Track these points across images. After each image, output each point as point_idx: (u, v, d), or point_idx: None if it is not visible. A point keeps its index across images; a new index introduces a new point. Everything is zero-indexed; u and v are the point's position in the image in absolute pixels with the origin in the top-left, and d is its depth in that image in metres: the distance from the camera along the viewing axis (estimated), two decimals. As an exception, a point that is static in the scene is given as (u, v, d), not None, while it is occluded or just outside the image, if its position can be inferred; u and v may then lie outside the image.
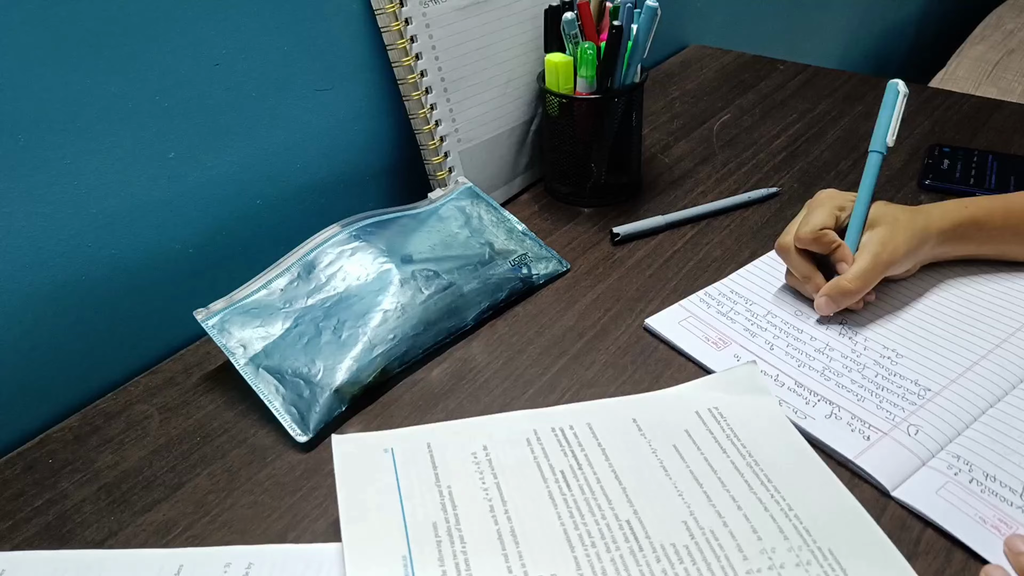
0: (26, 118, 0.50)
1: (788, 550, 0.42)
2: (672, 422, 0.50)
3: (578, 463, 0.47)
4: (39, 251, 0.53)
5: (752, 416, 0.50)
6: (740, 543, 0.42)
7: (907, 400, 0.51)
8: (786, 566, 0.41)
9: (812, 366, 0.55)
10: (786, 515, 0.44)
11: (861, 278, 0.56)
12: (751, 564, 0.41)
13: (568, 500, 0.45)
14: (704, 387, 0.53)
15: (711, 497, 0.45)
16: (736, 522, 0.43)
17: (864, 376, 0.54)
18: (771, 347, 0.57)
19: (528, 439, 0.49)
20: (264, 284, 0.58)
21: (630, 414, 0.51)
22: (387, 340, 0.56)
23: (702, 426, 0.50)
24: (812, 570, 0.41)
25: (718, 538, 0.43)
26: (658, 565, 0.41)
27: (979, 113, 0.86)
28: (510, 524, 0.44)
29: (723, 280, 0.64)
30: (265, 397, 0.53)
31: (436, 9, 0.66)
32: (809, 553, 0.42)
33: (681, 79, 1.00)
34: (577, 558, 0.42)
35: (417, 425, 0.51)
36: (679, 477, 0.46)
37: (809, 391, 0.53)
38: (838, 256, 0.58)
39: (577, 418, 0.51)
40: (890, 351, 0.56)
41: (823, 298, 0.58)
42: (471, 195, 0.69)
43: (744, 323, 0.59)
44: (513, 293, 0.63)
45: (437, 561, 0.41)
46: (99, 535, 0.47)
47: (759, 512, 0.44)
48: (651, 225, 0.71)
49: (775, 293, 0.62)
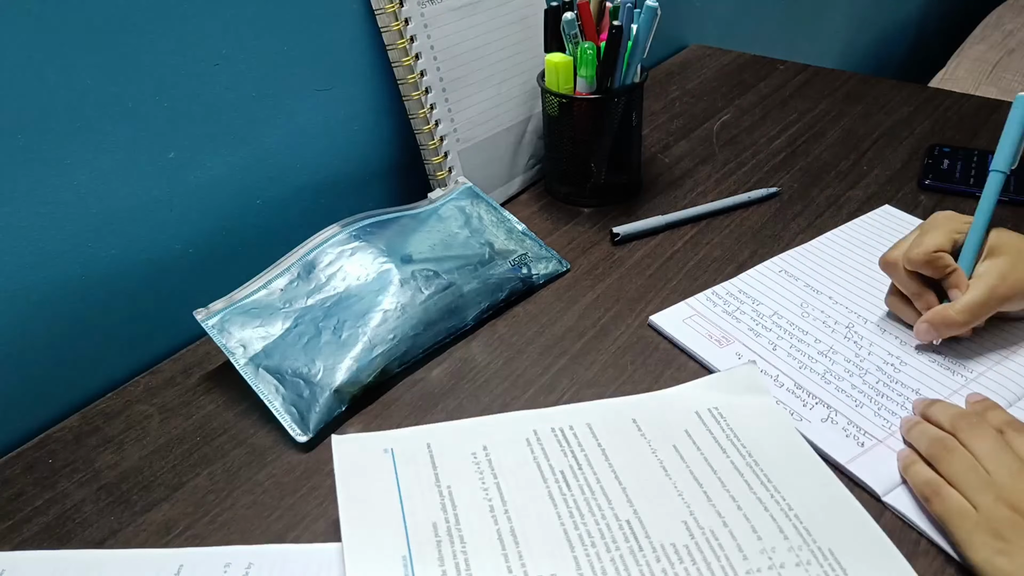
0: (26, 118, 0.50)
1: (788, 550, 0.42)
2: (672, 422, 0.50)
3: (578, 463, 0.47)
4: (39, 251, 0.53)
5: (752, 416, 0.50)
6: (740, 543, 0.42)
7: (906, 409, 0.51)
8: (786, 566, 0.41)
9: (814, 368, 0.55)
10: (786, 515, 0.44)
11: (971, 311, 0.52)
12: (751, 564, 0.41)
13: (568, 500, 0.45)
14: (704, 387, 0.53)
15: (711, 497, 0.45)
16: (736, 522, 0.43)
17: (865, 382, 0.53)
18: (774, 347, 0.57)
19: (528, 439, 0.49)
20: (264, 284, 0.58)
21: (630, 414, 0.51)
22: (387, 340, 0.56)
23: (702, 426, 0.50)
24: (812, 570, 0.41)
25: (718, 538, 0.43)
26: (658, 565, 0.41)
27: (979, 113, 0.86)
28: (510, 524, 0.44)
29: (732, 280, 0.64)
30: (265, 397, 0.54)
31: (434, 9, 0.66)
32: (809, 553, 0.42)
33: (681, 79, 1.00)
34: (577, 558, 0.42)
35: (417, 425, 0.51)
36: (679, 477, 0.46)
37: (808, 393, 0.53)
38: (952, 282, 0.53)
39: (577, 418, 0.51)
40: (894, 358, 0.55)
41: (924, 324, 0.54)
42: (471, 195, 0.69)
43: (749, 323, 0.59)
44: (513, 293, 0.63)
45: (437, 561, 0.41)
46: (99, 535, 0.47)
47: (759, 512, 0.44)
48: (651, 225, 0.71)
49: (783, 294, 0.62)
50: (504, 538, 0.43)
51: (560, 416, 0.51)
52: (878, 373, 0.54)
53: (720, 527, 0.43)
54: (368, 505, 0.45)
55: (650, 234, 0.71)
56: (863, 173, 0.77)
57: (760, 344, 0.57)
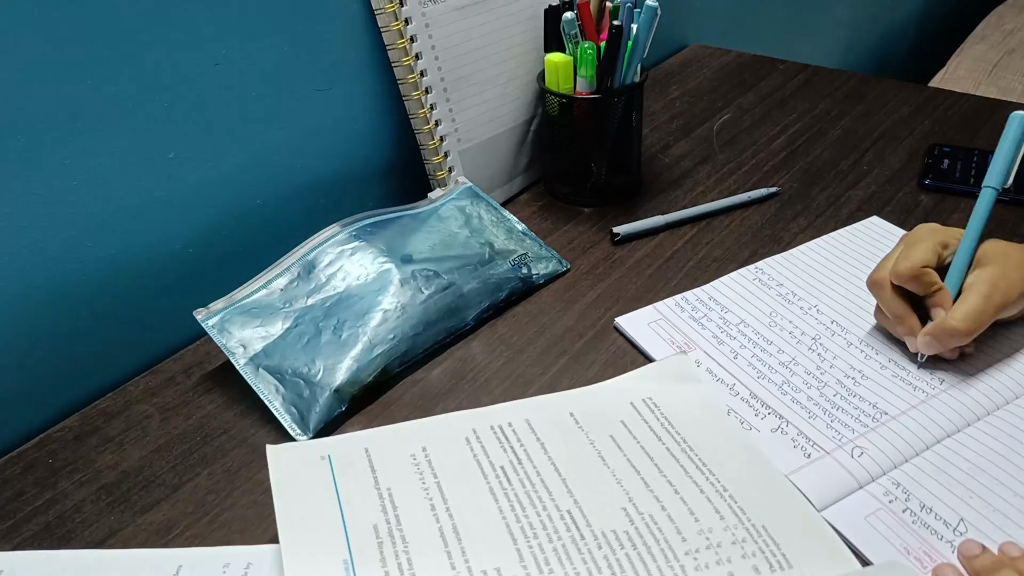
0: (26, 118, 0.50)
1: (724, 529, 0.43)
2: (608, 414, 0.51)
3: (518, 458, 0.48)
4: (39, 251, 0.53)
5: (685, 404, 0.52)
6: (678, 525, 0.44)
7: (860, 422, 0.50)
8: (723, 544, 0.42)
9: (772, 379, 0.54)
10: (721, 496, 0.45)
11: (971, 318, 0.50)
12: (690, 544, 0.42)
13: (509, 494, 0.46)
14: (638, 378, 0.54)
15: (648, 483, 0.46)
16: (674, 506, 0.45)
17: (822, 394, 0.53)
18: (735, 356, 0.56)
19: (467, 438, 0.50)
20: (264, 284, 0.58)
21: (567, 408, 0.52)
22: (387, 340, 0.56)
23: (637, 416, 0.51)
24: (748, 547, 0.42)
25: (657, 522, 0.44)
26: (600, 552, 0.42)
27: (979, 113, 0.86)
28: (452, 521, 0.44)
29: (704, 286, 0.63)
30: (265, 397, 0.53)
31: (435, 9, 0.66)
32: (744, 531, 0.43)
33: (681, 79, 1.00)
34: (520, 550, 0.42)
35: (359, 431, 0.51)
36: (617, 466, 0.47)
37: (762, 403, 0.52)
38: (935, 301, 0.52)
39: (515, 415, 0.51)
40: (856, 371, 0.54)
41: (927, 337, 0.52)
42: (471, 195, 0.69)
43: (714, 330, 0.59)
44: (513, 293, 0.63)
45: (379, 562, 0.42)
46: (99, 535, 0.47)
47: (695, 495, 0.45)
48: (651, 225, 0.71)
49: (754, 303, 0.61)
50: (447, 535, 0.43)
51: (498, 414, 0.52)
52: (837, 386, 0.53)
53: (659, 511, 0.44)
54: (306, 512, 0.44)
55: (650, 234, 0.71)
56: (863, 173, 0.77)
57: (721, 352, 0.57)
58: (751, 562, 0.41)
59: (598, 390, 0.54)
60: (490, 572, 0.41)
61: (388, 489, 0.46)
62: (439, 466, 0.47)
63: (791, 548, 0.42)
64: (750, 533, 0.43)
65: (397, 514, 0.44)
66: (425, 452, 0.48)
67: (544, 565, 0.42)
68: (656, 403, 0.52)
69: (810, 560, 0.42)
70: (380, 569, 0.41)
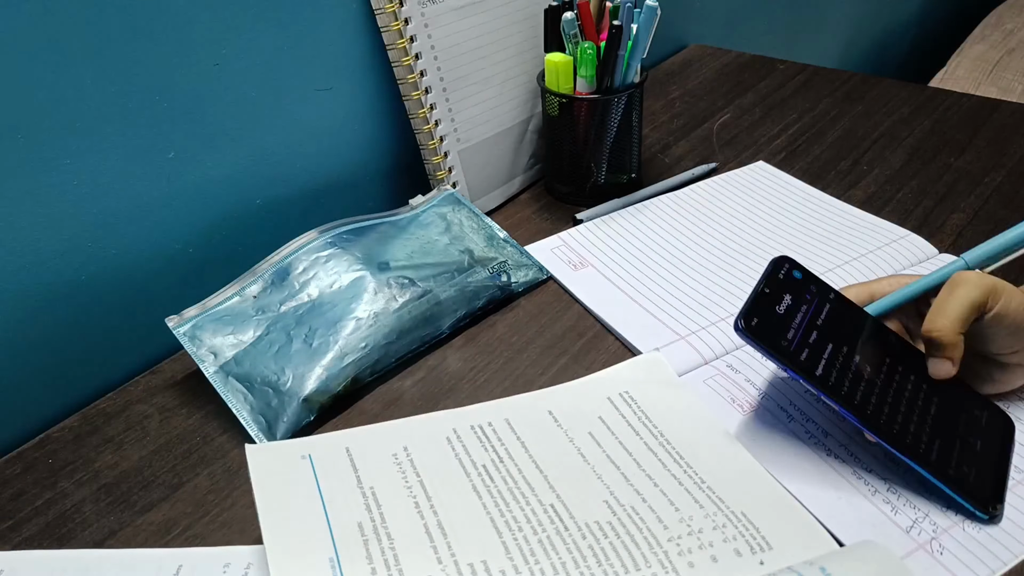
0: (26, 118, 0.50)
1: (704, 516, 0.45)
2: (586, 410, 0.52)
3: (499, 457, 0.49)
4: (39, 251, 0.53)
5: (660, 397, 0.53)
6: (659, 515, 0.45)
7: (713, 312, 0.60)
8: (704, 530, 0.44)
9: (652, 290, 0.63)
10: (699, 486, 0.46)
11: (943, 313, 0.45)
12: (671, 532, 0.44)
13: (492, 491, 0.46)
14: (614, 373, 0.55)
15: (628, 477, 0.47)
16: (654, 497, 0.46)
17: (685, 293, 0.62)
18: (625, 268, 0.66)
19: (448, 438, 0.50)
20: (238, 291, 0.58)
21: (545, 406, 0.52)
22: (359, 349, 0.55)
23: (614, 411, 0.52)
24: (728, 531, 0.44)
25: (638, 512, 0.45)
26: (584, 541, 0.43)
27: (979, 113, 0.86)
28: (436, 517, 0.44)
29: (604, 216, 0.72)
30: (233, 406, 0.53)
31: (435, 9, 0.66)
32: (724, 517, 0.44)
33: (681, 79, 1.00)
34: (506, 543, 0.43)
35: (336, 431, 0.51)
36: (596, 461, 0.48)
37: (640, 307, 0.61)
38: None
39: (494, 415, 0.52)
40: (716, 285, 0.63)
41: (934, 360, 0.47)
42: (452, 201, 0.68)
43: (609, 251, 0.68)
44: (491, 301, 0.63)
45: (365, 559, 0.42)
46: (99, 535, 0.47)
47: (674, 486, 0.47)
48: (610, 208, 0.73)
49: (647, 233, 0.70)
50: (432, 531, 0.43)
51: (477, 414, 0.52)
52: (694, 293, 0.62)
53: (640, 503, 0.45)
54: (289, 511, 0.44)
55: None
56: (863, 173, 0.77)
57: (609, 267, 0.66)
58: (732, 545, 0.43)
59: (576, 386, 0.54)
60: (477, 565, 0.42)
61: (371, 488, 0.46)
62: (421, 465, 0.48)
63: (770, 531, 0.44)
64: (729, 519, 0.44)
65: (382, 512, 0.44)
66: (407, 451, 0.49)
67: (530, 556, 0.42)
68: (633, 396, 0.53)
69: (789, 542, 0.43)
70: (367, 565, 0.41)
